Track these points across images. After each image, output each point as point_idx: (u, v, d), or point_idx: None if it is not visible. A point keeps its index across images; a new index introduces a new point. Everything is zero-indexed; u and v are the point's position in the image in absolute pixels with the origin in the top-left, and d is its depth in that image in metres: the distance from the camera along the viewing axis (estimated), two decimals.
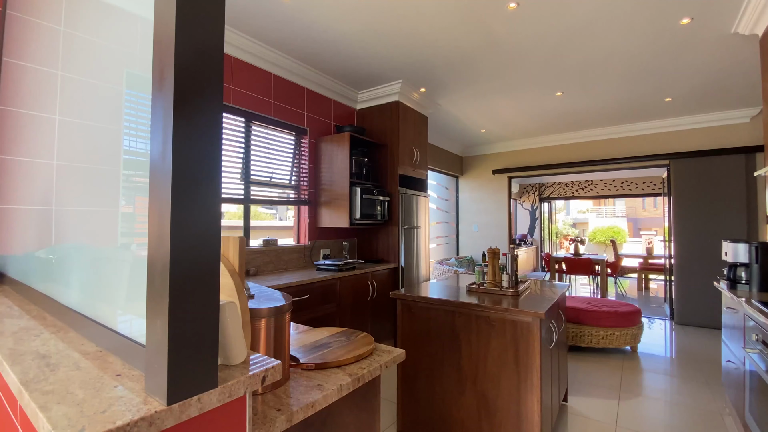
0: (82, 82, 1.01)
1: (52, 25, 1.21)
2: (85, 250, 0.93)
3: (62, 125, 1.10)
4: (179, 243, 0.54)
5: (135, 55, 0.77)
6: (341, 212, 3.44)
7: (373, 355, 1.06)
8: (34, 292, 1.16)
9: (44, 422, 0.50)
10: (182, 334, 0.54)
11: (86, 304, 0.87)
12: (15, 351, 0.76)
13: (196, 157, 0.57)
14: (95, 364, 0.68)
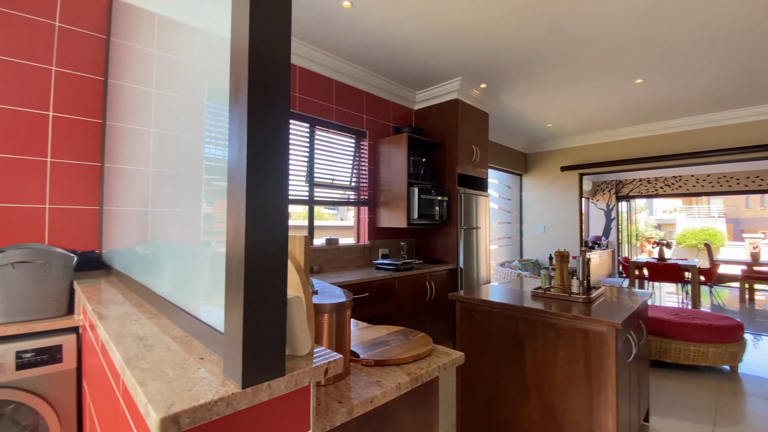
0: (171, 98, 1.14)
1: (147, 48, 1.38)
2: (174, 246, 1.05)
3: (156, 137, 1.25)
4: (253, 240, 0.59)
5: (215, 70, 0.85)
6: (399, 213, 3.46)
7: (431, 356, 1.06)
8: (134, 283, 1.34)
9: (141, 396, 0.57)
10: (255, 325, 0.59)
11: (175, 294, 0.98)
12: (119, 333, 0.88)
13: (267, 163, 0.61)
14: (182, 348, 0.76)
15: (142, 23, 1.43)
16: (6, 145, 1.79)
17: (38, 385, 1.41)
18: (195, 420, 0.52)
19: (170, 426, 0.50)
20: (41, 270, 1.50)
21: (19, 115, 1.82)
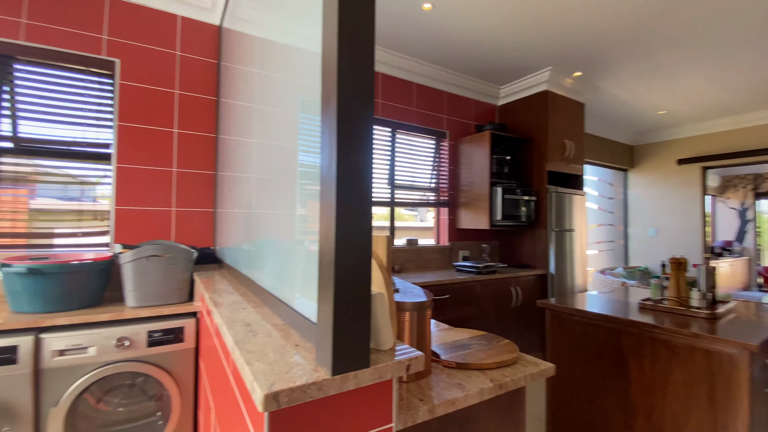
0: (270, 111, 1.28)
1: (249, 68, 1.56)
2: (274, 244, 1.17)
3: (258, 147, 1.41)
4: (342, 239, 0.64)
5: (307, 84, 0.93)
6: (481, 213, 3.35)
7: (516, 364, 1.01)
8: (241, 275, 1.53)
9: (248, 374, 0.65)
10: (343, 317, 0.63)
11: (275, 286, 1.09)
12: (230, 318, 1.01)
13: (354, 168, 0.65)
14: (281, 335, 0.85)
15: (246, 47, 1.63)
16: (142, 158, 2.18)
17: (164, 360, 1.68)
18: (292, 400, 0.58)
19: (272, 402, 0.56)
20: (169, 263, 1.79)
21: (152, 132, 2.21)
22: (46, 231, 2.02)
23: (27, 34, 1.92)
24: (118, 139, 2.11)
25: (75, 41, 2.02)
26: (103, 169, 2.12)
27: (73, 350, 1.51)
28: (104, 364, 1.56)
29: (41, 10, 1.95)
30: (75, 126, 2.07)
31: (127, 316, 1.64)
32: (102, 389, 1.66)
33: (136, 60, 2.17)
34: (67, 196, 2.09)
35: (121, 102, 2.13)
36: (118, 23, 2.13)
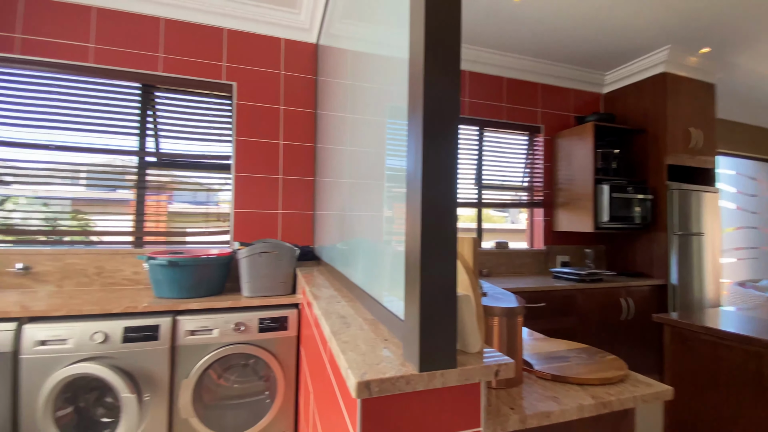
0: (360, 120, 1.36)
1: (342, 81, 1.67)
2: (364, 243, 1.24)
3: (350, 153, 1.51)
4: (427, 240, 0.65)
5: (395, 91, 0.97)
6: (583, 215, 3.04)
7: (624, 382, 0.90)
8: (336, 272, 1.65)
9: (343, 362, 0.71)
10: (430, 316, 0.65)
11: (366, 283, 1.16)
12: (327, 310, 1.10)
13: (439, 170, 0.67)
14: (371, 329, 0.90)
15: (339, 61, 1.75)
16: (255, 168, 2.49)
17: (271, 345, 1.89)
18: (382, 390, 0.61)
19: (364, 390, 0.60)
20: (276, 259, 2.01)
21: (262, 144, 2.51)
22: (180, 230, 2.44)
23: (164, 66, 2.35)
24: (236, 152, 2.45)
25: (201, 69, 2.41)
26: (225, 178, 2.48)
27: (201, 331, 1.80)
28: (225, 344, 1.82)
29: (174, 45, 2.37)
30: (202, 141, 2.46)
31: (242, 304, 1.90)
32: (222, 366, 1.94)
33: (249, 81, 2.49)
34: (196, 201, 2.50)
35: (237, 119, 2.47)
36: (234, 51, 2.47)
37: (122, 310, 1.73)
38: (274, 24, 2.52)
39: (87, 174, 2.30)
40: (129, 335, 1.69)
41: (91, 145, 2.26)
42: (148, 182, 2.37)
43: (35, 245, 2.17)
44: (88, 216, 2.33)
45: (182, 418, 1.73)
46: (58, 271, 2.12)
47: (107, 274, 2.19)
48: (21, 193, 2.22)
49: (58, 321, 1.64)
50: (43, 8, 2.15)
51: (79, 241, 2.27)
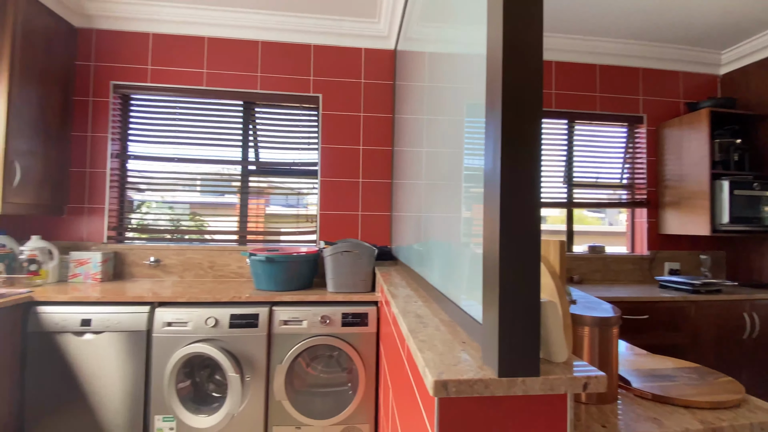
0: (437, 120, 1.36)
1: (419, 83, 1.70)
2: (441, 245, 1.24)
3: (427, 155, 1.52)
4: (506, 242, 0.64)
5: (473, 89, 0.96)
6: (696, 215, 2.61)
7: (740, 407, 0.77)
8: (413, 272, 1.67)
9: (420, 360, 0.73)
10: (510, 321, 0.63)
11: (442, 284, 1.16)
12: (404, 309, 1.13)
13: (519, 168, 0.65)
14: (448, 330, 0.90)
15: (416, 63, 1.78)
16: (338, 172, 2.64)
17: (353, 339, 1.99)
18: (459, 391, 0.62)
19: (441, 389, 0.61)
20: (356, 258, 2.11)
21: (344, 151, 2.66)
22: (275, 230, 2.70)
23: (261, 84, 2.63)
24: (321, 158, 2.64)
25: (292, 84, 2.64)
26: (312, 183, 2.69)
27: (292, 322, 1.97)
28: (312, 335, 1.97)
29: (269, 64, 2.63)
30: (293, 150, 2.69)
31: (327, 298, 2.03)
32: (310, 356, 2.10)
33: (333, 92, 2.66)
34: (288, 204, 2.75)
35: (323, 128, 2.65)
36: (320, 65, 2.66)
37: (229, 299, 1.98)
38: (355, 35, 2.66)
39: (201, 182, 2.68)
40: (234, 321, 1.93)
41: (204, 157, 2.63)
42: (250, 188, 2.68)
43: (163, 242, 2.60)
44: (203, 217, 2.72)
45: (276, 400, 1.92)
46: (181, 264, 2.51)
47: (218, 268, 2.53)
48: (152, 199, 2.68)
49: (181, 306, 1.95)
50: (167, 43, 2.57)
51: (196, 239, 2.66)
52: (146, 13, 2.49)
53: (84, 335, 1.89)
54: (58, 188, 2.37)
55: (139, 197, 2.66)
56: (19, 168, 2.06)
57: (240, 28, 2.59)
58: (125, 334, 1.90)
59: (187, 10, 2.50)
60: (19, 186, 2.07)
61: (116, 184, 2.55)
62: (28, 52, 2.11)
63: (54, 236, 2.45)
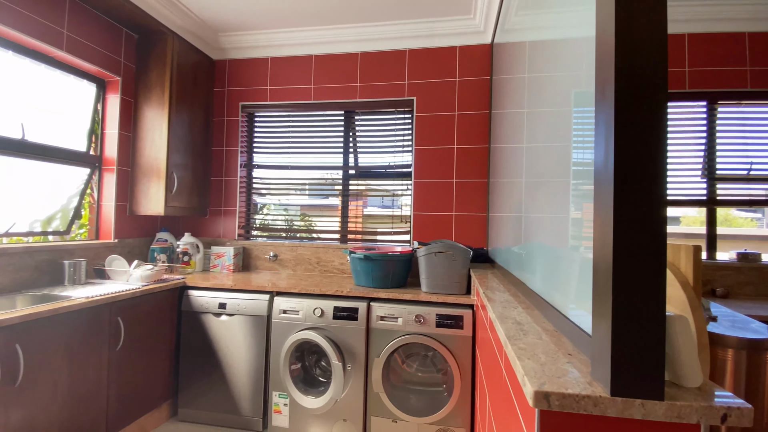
0: (539, 113, 1.28)
1: (519, 75, 1.60)
2: (544, 248, 1.16)
3: (527, 151, 1.44)
4: (621, 246, 0.57)
5: (581, 76, 0.88)
6: None
7: None
8: (511, 276, 1.59)
9: (519, 368, 0.69)
10: (625, 336, 0.57)
11: (545, 291, 1.09)
12: (502, 315, 1.09)
13: (638, 162, 0.57)
14: (551, 340, 0.84)
15: (515, 55, 1.69)
16: (431, 173, 2.65)
17: (447, 341, 1.97)
18: (563, 405, 0.58)
19: (542, 400, 0.58)
20: (450, 259, 2.09)
21: (437, 151, 2.65)
22: (372, 230, 2.83)
23: (360, 93, 2.78)
24: (415, 160, 2.69)
25: (388, 90, 2.74)
26: (406, 184, 2.76)
27: (388, 318, 2.05)
28: (407, 333, 2.02)
29: (367, 73, 2.77)
30: (388, 153, 2.80)
31: (421, 298, 2.06)
32: (405, 353, 2.16)
33: (426, 94, 2.69)
34: (383, 205, 2.86)
35: (416, 130, 2.70)
36: (414, 68, 2.71)
37: (333, 292, 2.15)
38: (449, 34, 2.64)
39: (309, 186, 2.97)
40: (337, 313, 2.09)
41: (311, 164, 2.91)
42: (350, 191, 2.87)
43: (280, 239, 2.95)
44: (311, 218, 3.02)
45: (374, 392, 2.02)
46: (294, 259, 2.82)
47: (324, 263, 2.77)
48: (271, 202, 3.07)
49: (293, 296, 2.19)
50: (282, 64, 2.91)
51: (306, 237, 2.95)
52: (265, 41, 2.87)
53: (221, 316, 2.26)
54: (202, 194, 2.88)
55: (261, 201, 3.07)
56: (176, 178, 2.56)
57: (342, 43, 2.79)
58: (251, 318, 2.22)
59: (297, 33, 2.79)
60: (175, 193, 2.57)
61: (244, 190, 2.99)
62: (181, 84, 2.61)
63: (199, 233, 2.98)
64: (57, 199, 2.29)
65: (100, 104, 2.49)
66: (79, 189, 2.40)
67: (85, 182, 2.43)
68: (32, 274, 1.99)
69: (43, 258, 2.04)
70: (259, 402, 2.20)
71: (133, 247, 2.61)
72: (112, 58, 2.43)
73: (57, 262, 2.11)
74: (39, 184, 2.17)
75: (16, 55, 2.00)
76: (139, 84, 2.58)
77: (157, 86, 2.54)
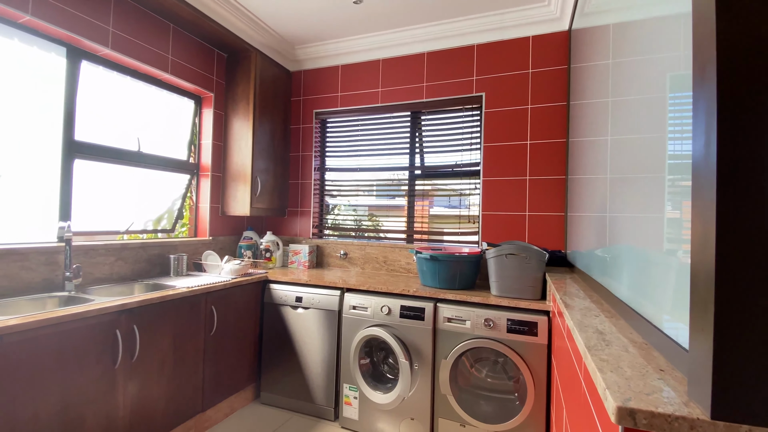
0: (627, 102, 1.15)
1: (603, 61, 1.46)
2: (633, 251, 1.04)
3: (612, 143, 1.30)
4: (727, 251, 0.50)
5: (678, 57, 0.77)
6: None
7: None
8: (593, 282, 1.46)
9: (600, 381, 0.64)
10: (730, 353, 0.49)
11: (633, 299, 0.98)
12: (581, 323, 1.01)
13: (746, 153, 0.49)
14: (640, 353, 0.76)
15: (598, 40, 1.54)
16: (501, 171, 2.53)
17: (520, 348, 1.87)
18: (652, 425, 0.51)
19: (626, 417, 0.53)
20: (523, 261, 1.98)
21: (508, 148, 2.53)
22: (438, 230, 2.80)
23: (426, 93, 2.77)
24: (483, 158, 2.60)
25: (455, 88, 2.69)
26: (474, 183, 2.68)
27: (455, 320, 2.01)
28: (475, 337, 1.96)
29: (434, 72, 2.75)
30: (455, 152, 2.74)
31: (491, 302, 1.99)
32: (473, 357, 2.10)
33: (496, 89, 2.58)
34: (451, 205, 2.81)
35: (485, 127, 2.60)
36: (483, 63, 2.62)
37: (399, 291, 2.18)
38: (521, 25, 2.50)
39: (377, 187, 3.04)
40: (404, 312, 2.11)
41: (378, 165, 2.98)
42: (416, 191, 2.88)
43: (349, 238, 3.07)
44: (378, 218, 3.08)
45: (442, 393, 2.00)
46: (362, 258, 2.91)
47: (390, 262, 2.82)
48: (341, 203, 3.20)
49: (362, 293, 2.26)
50: (351, 71, 3.02)
51: (373, 237, 3.03)
52: (335, 50, 3.00)
53: (297, 309, 2.43)
54: (281, 196, 3.12)
55: (332, 202, 3.23)
56: (259, 182, 2.81)
57: (408, 44, 2.81)
58: (323, 312, 2.34)
59: (366, 39, 2.88)
60: (259, 195, 2.82)
61: (317, 192, 3.17)
62: (263, 96, 2.86)
63: (279, 232, 3.23)
64: (164, 202, 2.66)
65: (197, 118, 2.84)
66: (182, 193, 2.76)
67: (186, 187, 2.79)
68: (146, 265, 2.34)
69: (154, 252, 2.39)
70: (331, 392, 2.32)
71: (224, 243, 2.92)
72: (206, 77, 2.75)
73: (164, 256, 2.45)
74: (151, 188, 2.54)
75: (133, 79, 2.37)
76: (228, 98, 2.89)
77: (243, 99, 2.81)
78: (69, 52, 2.03)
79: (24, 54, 1.86)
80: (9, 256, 1.71)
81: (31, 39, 1.87)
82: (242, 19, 2.61)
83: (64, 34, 1.93)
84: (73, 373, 1.49)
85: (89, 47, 2.07)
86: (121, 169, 2.33)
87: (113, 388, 1.64)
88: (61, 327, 1.45)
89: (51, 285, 1.87)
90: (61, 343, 1.45)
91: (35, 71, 1.90)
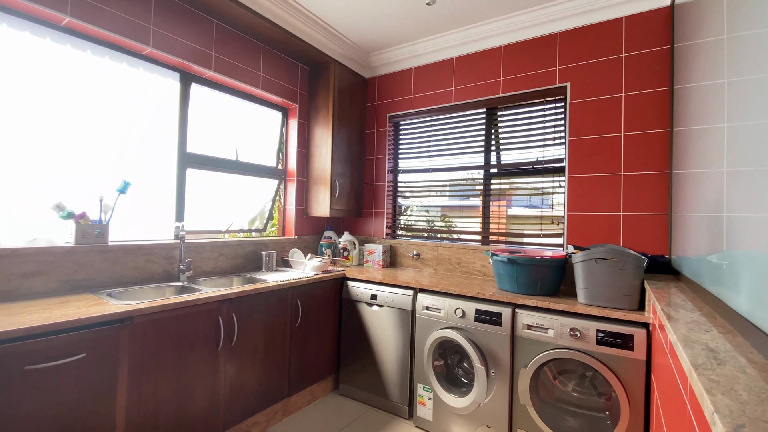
0: (748, 81, 0.98)
1: (714, 38, 1.26)
2: (755, 257, 0.88)
3: (730, 132, 1.12)
4: None
5: None
6: None
7: None
8: (704, 292, 1.26)
9: (708, 404, 0.56)
10: None
11: (756, 313, 0.83)
12: (687, 338, 0.88)
13: None
14: (761, 375, 0.64)
15: (708, 13, 1.33)
16: (590, 167, 2.31)
17: (612, 362, 1.69)
18: None
19: None
20: (617, 267, 1.79)
21: (598, 141, 2.30)
22: (517, 231, 2.66)
23: (503, 88, 2.65)
24: (568, 153, 2.40)
25: (535, 80, 2.53)
26: (558, 181, 2.49)
27: (536, 328, 1.90)
28: (560, 347, 1.82)
29: (511, 65, 2.62)
30: (536, 148, 2.58)
31: (578, 310, 1.83)
32: (557, 368, 1.95)
33: (583, 78, 2.37)
34: (531, 205, 2.65)
35: (570, 120, 2.41)
36: (567, 51, 2.43)
37: (474, 294, 2.13)
38: (611, 5, 2.27)
39: (450, 187, 3.01)
40: (479, 316, 2.06)
41: (451, 165, 2.93)
42: (492, 190, 2.77)
43: (422, 239, 3.08)
44: (451, 219, 3.04)
45: (521, 404, 1.90)
46: (435, 259, 2.90)
47: (464, 264, 2.76)
48: (414, 204, 3.23)
49: (435, 294, 2.25)
50: (424, 72, 3.03)
51: (446, 238, 3.00)
52: (408, 53, 3.04)
53: (372, 306, 2.51)
54: (357, 198, 3.26)
55: (405, 203, 3.28)
56: (338, 185, 2.97)
57: (482, 39, 2.73)
58: (397, 311, 2.39)
59: (438, 40, 2.87)
60: (337, 197, 2.99)
61: (390, 193, 3.24)
62: (340, 104, 3.02)
63: (355, 232, 3.38)
64: (257, 204, 2.96)
65: (284, 128, 3.11)
66: (272, 196, 3.05)
67: (276, 191, 3.07)
68: (242, 261, 2.63)
69: (248, 249, 2.67)
70: (405, 391, 2.35)
71: (307, 242, 3.15)
72: (292, 89, 3.00)
73: (257, 253, 2.73)
74: (246, 193, 2.85)
75: (231, 96, 2.69)
76: (310, 108, 3.11)
77: (323, 108, 3.00)
78: (182, 76, 2.38)
79: (146, 80, 2.23)
80: (139, 250, 2.06)
81: (152, 67, 2.24)
82: (323, 33, 2.79)
83: (178, 61, 2.27)
84: (185, 352, 1.74)
85: (197, 71, 2.41)
86: (222, 176, 2.65)
87: (216, 368, 1.88)
88: (178, 312, 1.71)
89: (168, 276, 2.20)
90: (178, 325, 1.71)
91: (154, 93, 2.27)
